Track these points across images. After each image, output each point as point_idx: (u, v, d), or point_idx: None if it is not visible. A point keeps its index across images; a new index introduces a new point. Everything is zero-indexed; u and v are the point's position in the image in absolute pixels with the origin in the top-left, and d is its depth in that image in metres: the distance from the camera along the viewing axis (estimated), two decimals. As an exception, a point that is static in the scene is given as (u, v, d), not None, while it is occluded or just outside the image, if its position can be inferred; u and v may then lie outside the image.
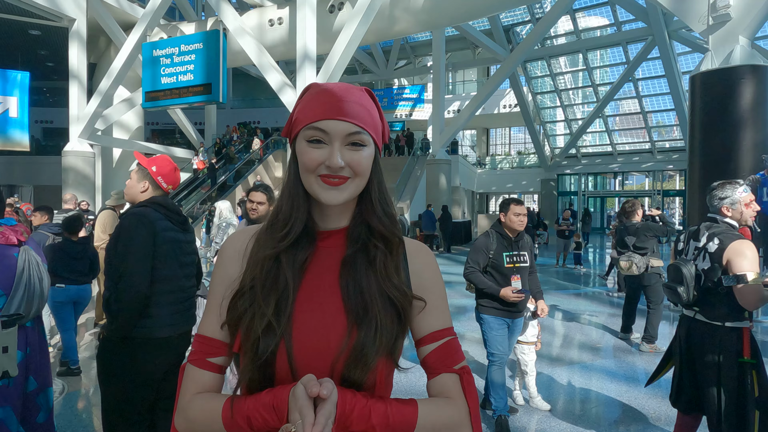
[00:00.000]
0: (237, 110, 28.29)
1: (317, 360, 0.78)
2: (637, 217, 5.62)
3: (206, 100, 13.87)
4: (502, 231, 3.43)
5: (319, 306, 0.81)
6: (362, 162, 0.80)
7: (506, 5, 13.17)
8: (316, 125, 0.79)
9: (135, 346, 2.07)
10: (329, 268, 0.84)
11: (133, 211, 2.18)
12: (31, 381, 2.23)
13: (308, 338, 0.78)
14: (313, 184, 0.80)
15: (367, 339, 0.77)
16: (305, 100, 0.83)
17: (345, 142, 0.79)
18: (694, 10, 7.66)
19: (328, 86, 0.83)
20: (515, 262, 3.38)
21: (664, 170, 24.05)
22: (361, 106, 0.82)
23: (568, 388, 4.13)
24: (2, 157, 21.14)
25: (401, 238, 0.88)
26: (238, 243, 0.89)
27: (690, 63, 20.71)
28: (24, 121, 15.28)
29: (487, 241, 3.40)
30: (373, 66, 24.01)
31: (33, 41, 18.12)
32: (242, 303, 0.80)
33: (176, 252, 2.22)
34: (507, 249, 3.38)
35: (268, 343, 0.76)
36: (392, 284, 0.83)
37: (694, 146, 7.18)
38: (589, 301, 7.88)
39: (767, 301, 2.22)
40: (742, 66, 6.74)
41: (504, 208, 3.41)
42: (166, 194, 2.34)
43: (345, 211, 0.86)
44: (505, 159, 29.48)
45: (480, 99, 18.51)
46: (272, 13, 14.94)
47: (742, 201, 2.46)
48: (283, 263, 0.82)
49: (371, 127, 0.82)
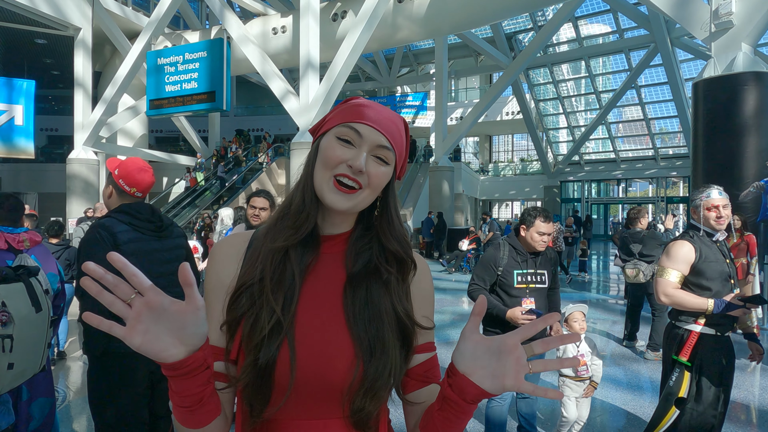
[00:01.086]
0: (240, 118, 28.40)
1: (320, 378, 0.75)
2: (641, 225, 5.59)
3: (210, 107, 13.96)
4: (516, 244, 2.85)
5: (320, 317, 0.79)
6: (380, 176, 0.80)
7: (509, 13, 13.23)
8: (352, 125, 0.79)
9: (113, 360, 1.99)
10: (330, 276, 0.82)
11: (95, 224, 2.08)
12: (24, 391, 2.21)
13: (312, 350, 0.76)
14: (324, 184, 0.79)
15: (383, 371, 0.76)
16: (345, 107, 0.83)
17: (372, 152, 0.79)
18: (696, 18, 7.67)
19: (371, 102, 0.84)
20: (528, 282, 2.80)
21: (668, 177, 24.00)
22: (397, 129, 0.82)
23: (572, 397, 4.09)
24: (8, 165, 21.29)
25: (414, 261, 0.87)
26: (232, 246, 0.86)
27: (692, 70, 20.76)
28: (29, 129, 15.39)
29: (497, 254, 2.85)
30: (376, 74, 24.11)
31: (39, 50, 18.30)
32: (247, 298, 0.77)
33: (146, 264, 2.01)
34: (520, 266, 2.81)
35: (272, 340, 0.74)
36: (405, 313, 0.82)
37: (698, 153, 7.17)
38: (593, 308, 7.84)
39: (669, 297, 2.40)
40: (745, 73, 6.74)
41: (527, 221, 2.78)
42: (137, 199, 2.19)
43: (347, 219, 0.85)
44: (507, 166, 29.46)
45: (482, 106, 18.54)
46: (276, 21, 15.05)
47: (704, 204, 2.46)
48: (291, 258, 0.80)
49: (398, 151, 0.83)
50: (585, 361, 2.98)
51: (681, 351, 2.39)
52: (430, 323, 0.87)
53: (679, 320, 2.46)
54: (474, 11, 12.47)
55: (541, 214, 2.75)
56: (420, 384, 0.84)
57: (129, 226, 2.08)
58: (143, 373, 2.06)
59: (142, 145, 18.83)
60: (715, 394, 2.34)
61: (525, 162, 28.86)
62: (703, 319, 2.36)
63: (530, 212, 2.78)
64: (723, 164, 6.80)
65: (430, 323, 0.87)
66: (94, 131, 15.18)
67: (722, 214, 2.42)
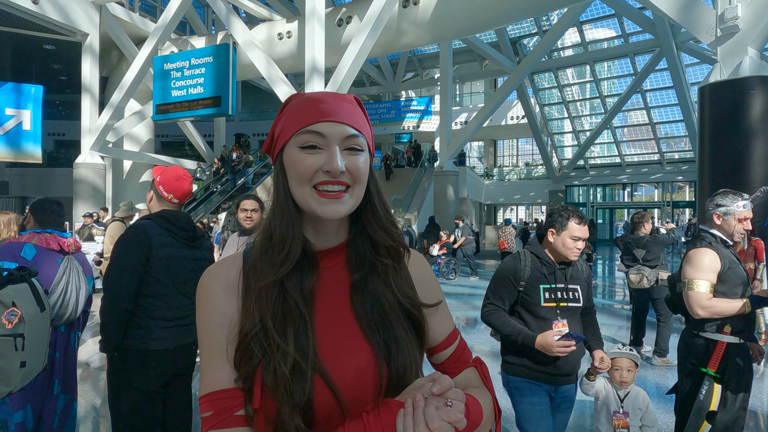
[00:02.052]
0: (246, 122, 28.54)
1: (359, 390, 0.73)
2: (644, 230, 5.57)
3: (216, 112, 14.03)
4: (540, 253, 2.26)
5: (340, 336, 0.75)
6: (361, 167, 0.75)
7: (513, 18, 13.25)
8: (310, 128, 0.73)
9: (129, 357, 2.09)
10: (336, 289, 0.78)
11: (135, 224, 2.20)
12: (56, 384, 2.36)
13: (343, 368, 0.73)
14: (309, 198, 0.73)
15: (405, 367, 0.75)
16: (290, 111, 0.76)
17: (342, 147, 0.74)
18: (701, 22, 7.66)
19: (314, 93, 0.77)
20: (559, 300, 2.19)
21: (674, 181, 23.89)
22: (353, 110, 0.77)
23: (577, 402, 4.07)
24: (15, 169, 21.47)
25: (406, 246, 0.84)
26: (224, 276, 0.77)
27: (698, 74, 20.67)
28: (37, 134, 15.52)
29: (516, 266, 2.24)
30: (381, 78, 24.18)
31: (47, 56, 18.47)
32: (256, 347, 0.70)
33: (173, 269, 2.16)
34: (546, 279, 2.20)
35: (303, 384, 0.68)
36: (407, 298, 0.80)
37: (704, 157, 7.13)
38: (599, 313, 7.79)
39: (706, 309, 2.28)
40: (752, 77, 6.71)
41: (558, 223, 2.20)
42: (175, 206, 2.30)
43: (342, 226, 0.80)
44: (512, 170, 29.43)
45: (487, 111, 18.54)
46: (281, 26, 15.13)
47: (736, 214, 2.40)
48: (289, 291, 0.74)
49: (366, 132, 0.78)
50: (627, 422, 2.37)
51: (709, 363, 2.31)
52: (436, 299, 0.85)
53: (703, 330, 2.36)
54: (479, 16, 12.50)
55: (575, 214, 2.20)
56: (450, 374, 0.84)
57: (165, 231, 2.18)
58: (156, 371, 2.13)
59: (148, 149, 18.93)
60: (741, 401, 2.29)
61: (530, 166, 28.82)
62: (729, 327, 2.30)
63: (561, 212, 2.22)
64: (730, 169, 6.76)
65: (435, 299, 0.85)
66: (100, 136, 15.28)
67: (749, 227, 2.40)
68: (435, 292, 0.88)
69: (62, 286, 2.29)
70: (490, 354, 5.40)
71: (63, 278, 2.31)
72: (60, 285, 2.29)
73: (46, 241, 2.33)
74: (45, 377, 2.30)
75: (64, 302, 2.30)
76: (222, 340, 0.73)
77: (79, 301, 2.39)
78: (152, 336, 2.11)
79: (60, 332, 2.37)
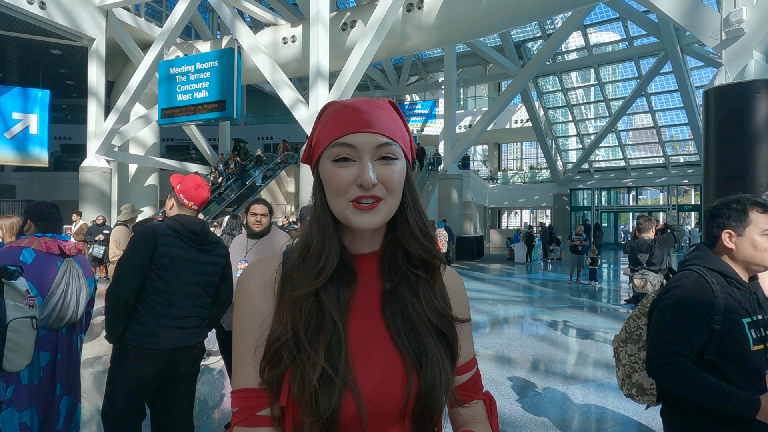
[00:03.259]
0: (250, 126, 28.66)
1: (386, 407, 0.72)
2: (649, 234, 5.54)
3: (220, 116, 14.10)
4: (727, 270, 1.55)
5: (372, 345, 0.74)
6: (395, 177, 0.72)
7: (518, 22, 13.26)
8: (341, 141, 0.71)
9: (127, 352, 2.20)
10: (370, 300, 0.77)
11: (147, 225, 2.33)
12: (58, 386, 2.39)
13: (374, 385, 0.71)
14: (345, 211, 0.72)
15: (434, 380, 0.73)
16: (325, 120, 0.76)
17: (375, 156, 0.72)
18: (706, 25, 7.64)
19: (348, 101, 0.75)
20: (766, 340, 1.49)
21: (679, 185, 23.79)
22: (387, 117, 0.74)
23: (583, 407, 4.05)
24: (22, 173, 21.61)
25: (442, 260, 0.81)
26: (262, 274, 0.78)
27: (703, 77, 20.60)
28: (44, 138, 15.65)
29: (706, 292, 1.49)
30: (385, 82, 24.23)
31: (54, 60, 18.62)
32: (286, 353, 0.71)
33: (178, 268, 2.25)
34: (747, 311, 1.50)
35: (330, 395, 0.67)
36: (438, 312, 0.78)
37: (710, 161, 7.11)
38: (604, 318, 7.77)
39: None
40: (757, 80, 6.70)
41: (735, 219, 1.53)
42: (194, 212, 2.42)
43: (377, 234, 0.79)
44: (517, 174, 29.39)
45: (491, 114, 18.55)
46: (286, 31, 15.21)
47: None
48: (324, 302, 0.73)
49: (401, 138, 0.75)
50: None
51: None
52: (465, 317, 0.85)
53: None
54: (483, 20, 12.52)
55: (754, 202, 1.53)
56: (460, 402, 0.84)
57: (173, 233, 2.29)
58: (150, 369, 2.20)
59: (154, 153, 19.03)
60: None
61: (534, 170, 28.79)
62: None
63: (733, 205, 1.55)
64: (735, 172, 6.74)
65: (465, 317, 0.84)
66: (106, 140, 15.38)
67: None
68: (465, 311, 0.87)
69: (62, 289, 2.34)
70: (495, 359, 5.38)
71: (62, 281, 2.35)
72: (60, 288, 2.33)
73: (46, 245, 2.37)
74: (48, 379, 2.33)
75: (64, 305, 2.34)
76: (251, 339, 0.74)
77: (80, 303, 2.43)
78: (151, 333, 2.18)
79: (61, 334, 2.40)
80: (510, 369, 5.01)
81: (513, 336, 6.51)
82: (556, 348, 5.84)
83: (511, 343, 6.07)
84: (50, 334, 2.34)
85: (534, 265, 17.17)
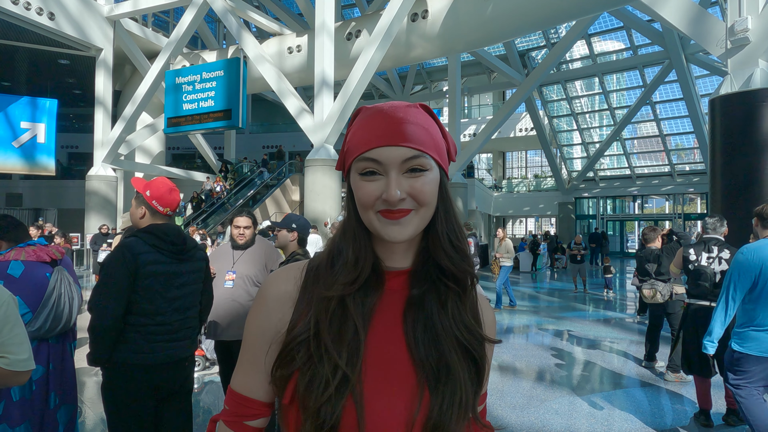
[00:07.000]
0: (256, 135, 28.80)
1: (389, 422, 0.67)
2: (655, 243, 5.50)
3: (226, 125, 14.20)
4: None
5: (385, 357, 0.71)
6: (425, 189, 0.69)
7: (522, 31, 13.31)
8: (367, 155, 0.69)
9: (117, 370, 2.09)
10: (394, 315, 0.73)
11: (121, 243, 2.16)
12: (52, 397, 2.32)
13: (379, 401, 0.68)
14: (374, 221, 0.70)
15: (449, 399, 0.68)
16: (356, 127, 0.73)
17: (403, 170, 0.68)
18: (711, 34, 7.65)
19: (378, 108, 0.72)
20: None
21: (685, 193, 23.68)
22: (417, 126, 0.70)
23: (589, 417, 4.01)
24: (29, 181, 21.80)
25: (475, 276, 0.76)
26: (284, 283, 0.76)
27: (708, 86, 20.57)
28: (51, 147, 15.80)
29: None
30: (390, 91, 24.34)
31: (62, 70, 18.83)
32: (303, 353, 0.68)
33: (162, 285, 2.14)
34: None
35: (334, 404, 0.65)
36: (467, 328, 0.73)
37: (716, 170, 7.08)
38: (611, 327, 7.70)
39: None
40: (763, 89, 6.68)
41: None
42: (166, 218, 2.28)
43: (411, 248, 0.75)
44: (521, 182, 29.36)
45: (496, 123, 18.56)
46: (291, 41, 15.32)
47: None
48: (350, 308, 0.71)
49: (432, 148, 0.71)
50: None
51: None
52: (496, 340, 0.80)
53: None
54: (487, 29, 12.58)
55: None
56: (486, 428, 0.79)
57: (152, 248, 2.14)
58: (146, 386, 2.11)
59: (160, 162, 19.16)
60: None
61: (539, 178, 28.74)
62: None
63: None
64: (742, 182, 6.70)
65: (495, 340, 0.80)
66: (113, 148, 15.50)
67: None
68: (492, 333, 0.83)
69: (54, 299, 2.27)
70: (500, 369, 5.34)
71: (54, 291, 2.29)
72: (51, 298, 2.27)
73: (35, 254, 2.30)
74: (41, 392, 2.27)
75: (57, 314, 2.28)
76: (258, 347, 0.74)
77: (73, 310, 2.38)
78: (140, 350, 2.09)
79: (51, 344, 2.33)
80: (516, 379, 4.96)
81: (519, 346, 6.46)
82: (562, 358, 5.79)
83: (516, 353, 6.02)
84: (42, 347, 2.27)
85: (539, 273, 17.09)
